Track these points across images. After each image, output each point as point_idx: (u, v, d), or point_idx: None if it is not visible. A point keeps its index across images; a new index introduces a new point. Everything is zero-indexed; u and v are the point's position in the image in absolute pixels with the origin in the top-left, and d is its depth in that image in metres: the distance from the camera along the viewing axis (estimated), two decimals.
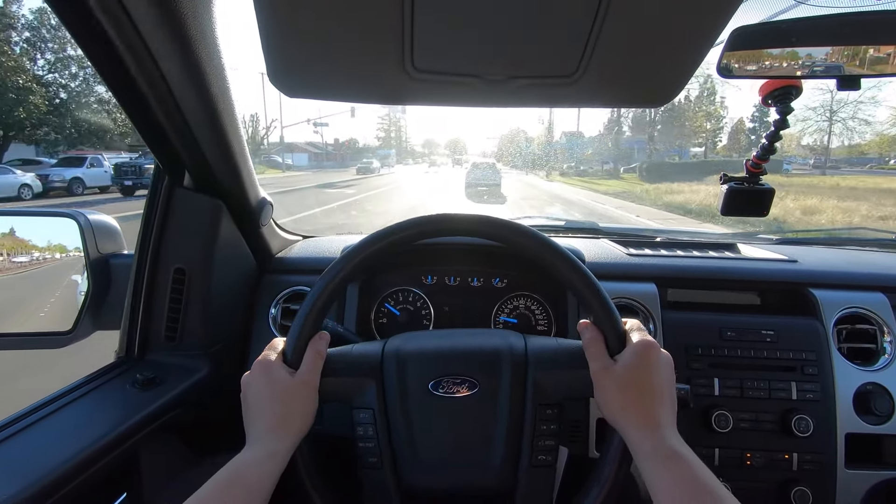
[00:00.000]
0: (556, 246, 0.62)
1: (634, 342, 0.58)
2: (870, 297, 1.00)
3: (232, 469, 0.53)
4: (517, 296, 1.09)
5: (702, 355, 0.96)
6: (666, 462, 0.51)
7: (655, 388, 0.56)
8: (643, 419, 0.54)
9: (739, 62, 0.69)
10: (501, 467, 0.62)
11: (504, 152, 30.22)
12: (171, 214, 0.88)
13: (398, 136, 71.33)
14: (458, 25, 0.48)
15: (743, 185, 0.87)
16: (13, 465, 0.60)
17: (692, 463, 0.50)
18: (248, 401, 0.59)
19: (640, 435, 0.54)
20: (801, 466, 0.90)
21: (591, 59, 0.53)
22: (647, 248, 1.19)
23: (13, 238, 0.90)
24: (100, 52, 0.64)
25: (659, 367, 0.57)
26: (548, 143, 31.03)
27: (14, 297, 0.93)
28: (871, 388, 0.93)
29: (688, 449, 0.52)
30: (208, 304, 0.91)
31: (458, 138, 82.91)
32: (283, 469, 0.56)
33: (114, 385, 0.82)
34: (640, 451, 0.53)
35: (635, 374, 0.56)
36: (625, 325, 0.61)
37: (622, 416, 0.55)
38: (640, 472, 0.53)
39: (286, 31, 0.49)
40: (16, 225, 0.96)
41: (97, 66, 0.65)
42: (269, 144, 37.55)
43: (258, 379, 0.59)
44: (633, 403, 0.55)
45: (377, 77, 0.56)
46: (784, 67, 0.69)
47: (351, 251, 0.63)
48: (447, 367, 0.64)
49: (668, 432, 0.54)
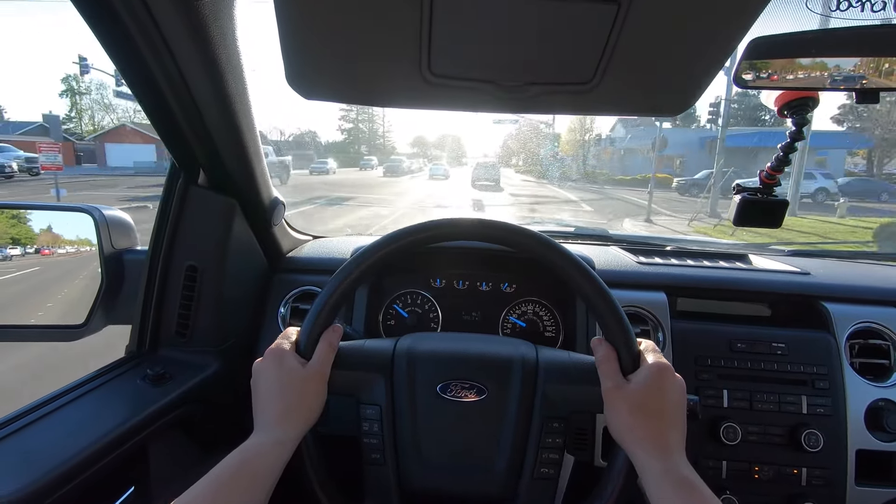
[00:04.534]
0: (574, 258, 0.62)
1: (649, 363, 0.57)
2: (884, 311, 0.99)
3: (240, 455, 0.53)
4: (525, 301, 1.09)
5: (711, 366, 0.95)
6: (676, 489, 0.50)
7: (667, 411, 0.55)
8: (652, 441, 0.53)
9: (756, 72, 0.69)
10: (504, 476, 0.62)
11: (515, 153, 26.66)
12: (185, 212, 0.89)
13: (371, 128, 54.14)
14: (476, 32, 0.49)
15: (756, 196, 0.86)
16: (25, 455, 0.61)
17: (702, 492, 0.50)
18: (259, 388, 0.60)
19: (648, 457, 0.53)
20: (809, 482, 0.89)
21: (608, 66, 0.53)
22: (657, 257, 1.18)
23: (51, 233, 0.96)
24: (121, 51, 0.65)
25: (672, 390, 0.56)
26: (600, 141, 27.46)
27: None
28: (883, 405, 0.91)
29: (698, 477, 0.52)
30: (219, 302, 0.92)
31: (455, 136, 69.16)
32: (289, 457, 0.56)
33: (125, 379, 0.83)
34: (647, 474, 0.53)
35: (647, 396, 0.55)
36: (639, 346, 0.61)
37: (631, 437, 0.55)
38: (647, 494, 0.52)
39: (305, 34, 0.50)
40: (35, 219, 0.99)
41: (118, 63, 0.67)
42: None
43: (270, 367, 0.60)
44: (644, 425, 0.54)
45: (394, 81, 0.57)
46: (801, 79, 0.68)
47: (366, 251, 0.64)
48: (457, 371, 0.64)
49: (677, 458, 0.53)
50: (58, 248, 0.96)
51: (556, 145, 23.84)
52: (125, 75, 0.68)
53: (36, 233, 0.96)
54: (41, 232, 0.97)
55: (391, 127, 57.25)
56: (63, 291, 0.97)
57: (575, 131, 27.15)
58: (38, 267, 0.95)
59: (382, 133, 55.09)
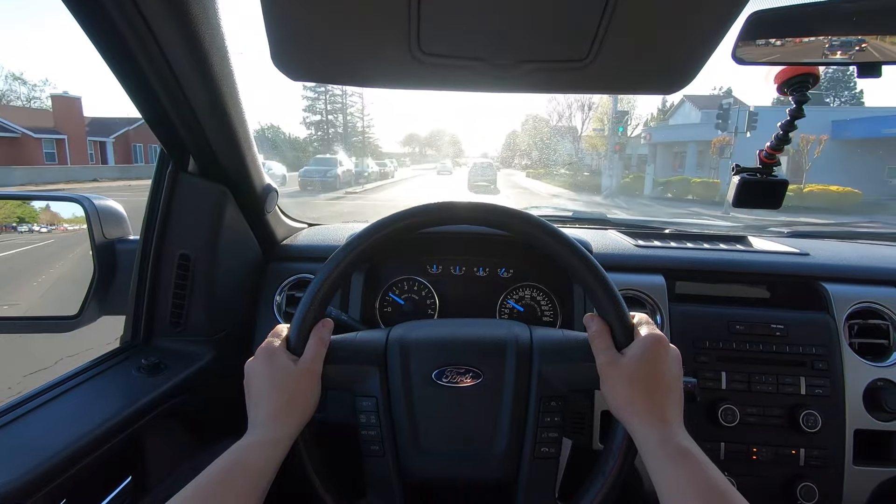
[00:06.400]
0: (564, 236, 0.61)
1: (643, 336, 0.57)
2: (883, 291, 0.98)
3: (233, 454, 0.53)
4: (523, 286, 1.09)
5: (709, 348, 0.94)
6: (674, 459, 0.50)
7: (663, 382, 0.55)
8: (650, 413, 0.53)
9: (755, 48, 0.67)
10: (504, 458, 0.62)
11: (517, 150, 22.58)
12: (175, 200, 0.88)
13: (348, 122, 38.95)
14: (466, 8, 0.47)
15: (756, 177, 0.85)
16: (19, 447, 0.61)
17: (702, 461, 0.50)
18: (251, 387, 0.59)
19: (646, 429, 0.53)
20: (808, 462, 0.89)
21: (603, 43, 0.51)
22: (655, 240, 1.17)
23: (50, 212, 1.00)
24: (102, 35, 0.64)
25: (667, 361, 0.56)
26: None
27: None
28: (881, 385, 0.91)
29: (696, 447, 0.52)
30: (213, 291, 0.92)
31: (451, 133, 62.46)
32: (284, 455, 0.56)
33: (119, 370, 0.82)
34: (646, 446, 0.53)
35: (643, 368, 0.55)
36: (633, 319, 0.60)
37: (628, 410, 0.55)
38: (646, 466, 0.52)
39: (290, 12, 0.48)
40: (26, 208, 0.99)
41: (99, 48, 0.65)
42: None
43: (261, 366, 0.59)
44: (640, 397, 0.54)
45: (383, 60, 0.55)
46: (801, 54, 0.67)
47: (354, 239, 0.62)
48: (451, 357, 0.64)
49: (675, 428, 0.53)
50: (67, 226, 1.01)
51: (622, 128, 16.82)
52: (107, 60, 0.66)
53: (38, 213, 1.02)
54: (41, 211, 1.01)
55: (372, 122, 45.66)
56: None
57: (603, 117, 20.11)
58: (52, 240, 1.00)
59: (362, 129, 40.43)
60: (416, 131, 68.24)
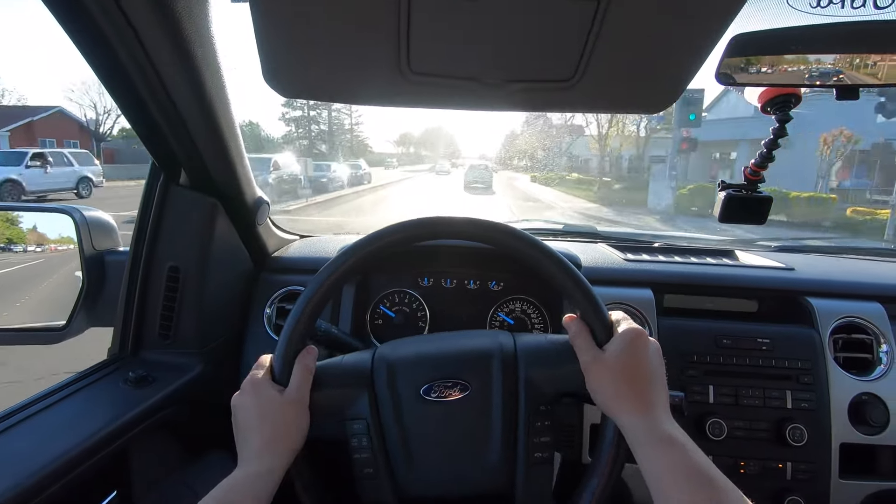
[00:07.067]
0: (543, 245, 0.62)
1: (622, 331, 0.58)
2: (866, 306, 1.00)
3: (223, 490, 0.52)
4: (513, 299, 1.09)
5: (697, 362, 0.95)
6: (660, 446, 0.51)
7: (646, 373, 0.56)
8: (635, 404, 0.54)
9: (739, 69, 0.69)
10: (499, 468, 0.62)
11: (518, 153, 19.20)
12: (166, 212, 0.88)
13: (333, 119, 34.71)
14: (455, 29, 0.48)
15: (741, 193, 0.86)
16: (3, 460, 0.60)
17: (686, 446, 0.51)
18: (239, 422, 0.59)
19: (633, 420, 0.54)
20: (794, 476, 0.90)
21: (589, 64, 0.52)
22: (644, 254, 1.18)
23: (37, 233, 0.99)
24: (94, 48, 0.64)
25: (647, 352, 0.57)
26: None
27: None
28: (866, 398, 0.92)
29: (682, 432, 0.52)
30: (202, 303, 0.91)
31: (448, 133, 55.22)
32: (276, 487, 0.55)
33: (106, 382, 0.81)
34: (634, 437, 0.53)
35: (625, 361, 0.56)
36: (611, 317, 0.62)
37: (615, 404, 0.56)
38: (635, 456, 0.53)
39: (282, 31, 0.49)
40: (14, 220, 0.98)
41: (91, 61, 0.65)
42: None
43: (247, 399, 0.58)
44: (625, 389, 0.55)
45: (373, 79, 0.56)
46: (784, 75, 0.68)
47: (338, 257, 0.62)
48: (437, 371, 0.64)
49: (661, 416, 0.54)
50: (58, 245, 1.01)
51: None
52: (98, 72, 0.67)
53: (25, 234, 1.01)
54: (28, 231, 0.99)
55: (361, 118, 38.18)
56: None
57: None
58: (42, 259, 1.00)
59: (350, 126, 37.14)
60: (411, 130, 64.03)
